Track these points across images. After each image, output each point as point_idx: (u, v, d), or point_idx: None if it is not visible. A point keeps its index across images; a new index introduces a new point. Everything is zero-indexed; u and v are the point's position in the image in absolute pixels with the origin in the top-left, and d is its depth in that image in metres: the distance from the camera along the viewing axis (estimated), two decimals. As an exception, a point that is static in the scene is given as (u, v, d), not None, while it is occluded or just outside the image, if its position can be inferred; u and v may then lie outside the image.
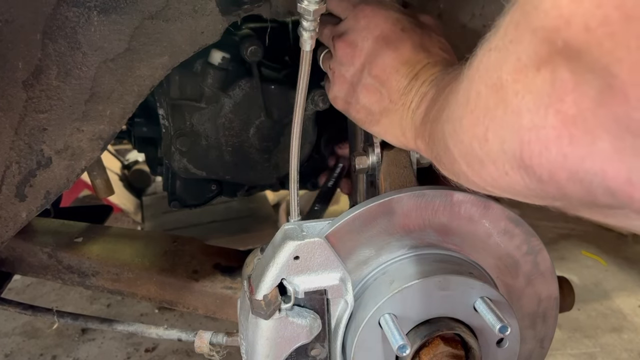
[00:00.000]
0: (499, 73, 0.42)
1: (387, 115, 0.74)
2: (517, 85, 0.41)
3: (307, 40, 0.71)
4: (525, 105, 0.40)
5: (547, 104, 0.38)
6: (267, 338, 0.76)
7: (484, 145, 0.47)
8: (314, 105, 1.06)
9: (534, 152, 0.41)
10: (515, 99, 0.41)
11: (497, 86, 0.43)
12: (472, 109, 0.48)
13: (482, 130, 0.47)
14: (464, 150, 0.52)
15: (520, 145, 0.42)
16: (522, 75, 0.40)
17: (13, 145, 0.81)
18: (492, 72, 0.44)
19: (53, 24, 0.76)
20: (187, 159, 1.11)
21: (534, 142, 0.40)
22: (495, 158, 0.46)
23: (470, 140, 0.50)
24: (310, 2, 0.68)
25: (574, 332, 1.92)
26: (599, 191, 0.38)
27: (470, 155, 0.51)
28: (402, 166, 0.88)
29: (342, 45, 0.76)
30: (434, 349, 0.76)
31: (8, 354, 1.92)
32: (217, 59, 1.02)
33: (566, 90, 0.36)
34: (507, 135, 0.43)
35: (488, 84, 0.45)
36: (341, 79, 0.79)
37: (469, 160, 0.52)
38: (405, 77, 0.71)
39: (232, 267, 1.19)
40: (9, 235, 0.87)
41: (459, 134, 0.52)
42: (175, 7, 0.79)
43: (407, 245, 0.80)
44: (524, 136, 0.41)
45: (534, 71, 0.39)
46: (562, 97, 0.37)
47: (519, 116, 0.41)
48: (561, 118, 0.37)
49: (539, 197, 0.46)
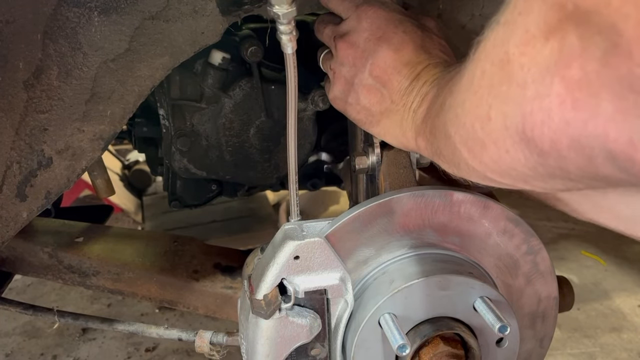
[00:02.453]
0: (506, 47, 0.42)
1: (387, 116, 0.74)
2: (523, 58, 0.40)
3: (287, 44, 0.72)
4: (530, 76, 0.40)
5: (553, 72, 0.38)
6: (267, 338, 0.76)
7: (487, 125, 0.47)
8: (314, 105, 1.06)
9: (536, 122, 0.40)
10: (521, 71, 0.41)
11: (503, 62, 0.43)
12: (475, 90, 0.48)
13: (485, 109, 0.46)
14: (465, 135, 0.52)
15: (523, 118, 0.41)
16: (530, 46, 0.40)
17: (14, 145, 0.82)
18: (499, 48, 0.43)
19: (54, 25, 0.76)
20: (187, 159, 1.12)
21: (537, 112, 0.40)
22: (497, 137, 0.46)
23: (472, 122, 0.49)
24: (281, 6, 0.68)
25: (573, 332, 1.92)
26: (600, 157, 0.38)
27: (472, 139, 0.51)
28: (402, 166, 0.88)
29: (343, 45, 0.77)
30: (433, 348, 0.76)
31: (9, 353, 1.92)
32: (218, 59, 1.02)
33: (573, 56, 0.36)
34: (510, 110, 0.43)
35: (494, 61, 0.44)
36: (342, 80, 0.79)
37: (470, 144, 0.52)
38: (406, 78, 0.71)
39: (233, 267, 1.19)
40: (10, 235, 0.87)
41: (461, 117, 0.52)
42: (176, 7, 0.79)
43: (406, 245, 0.80)
44: (527, 107, 0.41)
45: (543, 41, 0.38)
46: (569, 63, 0.36)
47: (523, 88, 0.41)
48: (566, 84, 0.37)
49: (538, 175, 0.46)
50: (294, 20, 0.71)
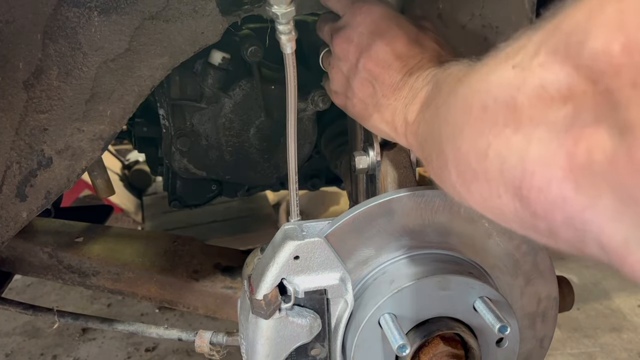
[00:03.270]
0: (515, 93, 0.41)
1: (379, 110, 0.74)
2: (533, 110, 0.39)
3: (286, 44, 0.72)
4: (537, 134, 0.39)
5: (562, 140, 0.36)
6: (267, 338, 0.76)
7: (482, 161, 0.45)
8: (314, 106, 1.06)
9: (534, 186, 0.39)
10: (529, 124, 0.39)
11: (509, 105, 0.41)
12: (474, 121, 0.47)
13: (484, 146, 0.45)
14: (459, 158, 0.50)
15: (522, 174, 0.40)
16: (544, 104, 0.38)
17: (14, 145, 0.82)
18: (507, 90, 0.42)
19: (53, 25, 0.76)
20: (187, 159, 1.12)
21: (538, 176, 0.39)
22: (491, 177, 0.45)
23: (467, 152, 0.48)
24: (279, 6, 0.68)
25: (573, 332, 1.92)
26: (592, 243, 0.37)
27: (464, 166, 0.49)
28: (402, 166, 0.88)
29: (339, 40, 0.77)
30: (433, 348, 0.76)
31: (9, 353, 1.92)
32: (218, 59, 1.02)
33: (584, 135, 0.35)
34: (511, 159, 0.42)
35: (498, 100, 0.43)
36: (339, 74, 0.79)
37: (461, 169, 0.50)
38: (398, 72, 0.71)
39: (232, 267, 1.19)
40: (10, 235, 0.87)
41: (457, 140, 0.50)
42: (176, 7, 0.79)
43: (406, 245, 0.80)
44: (529, 166, 0.40)
45: (560, 104, 0.37)
46: (578, 140, 0.35)
47: (528, 143, 0.39)
48: (571, 163, 0.36)
49: (524, 227, 0.45)
50: (293, 20, 0.71)
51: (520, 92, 0.40)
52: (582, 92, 0.35)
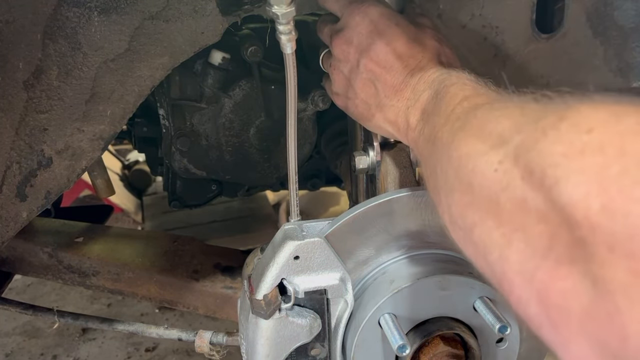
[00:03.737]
0: (499, 192, 0.42)
1: (381, 110, 0.74)
2: (514, 215, 0.40)
3: (286, 44, 0.72)
4: (517, 241, 0.40)
5: (538, 264, 0.38)
6: (267, 338, 0.76)
7: (470, 234, 0.47)
8: (314, 106, 1.06)
9: (514, 294, 0.41)
10: (509, 226, 0.41)
11: (492, 200, 0.43)
12: (464, 192, 0.48)
13: (470, 222, 0.47)
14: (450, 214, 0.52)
15: (503, 276, 0.42)
16: (522, 213, 0.39)
17: (14, 145, 0.82)
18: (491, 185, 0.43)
19: (53, 25, 0.76)
20: (187, 159, 1.12)
21: (517, 289, 0.40)
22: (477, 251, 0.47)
23: (457, 216, 0.50)
24: (279, 6, 0.68)
25: (573, 332, 1.92)
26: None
27: (455, 225, 0.51)
28: (402, 166, 0.88)
29: (338, 42, 0.77)
30: (433, 348, 0.76)
31: (9, 353, 1.92)
32: (218, 59, 1.02)
33: (559, 274, 0.36)
34: (493, 253, 0.43)
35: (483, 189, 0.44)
36: (340, 75, 0.79)
37: (452, 225, 0.52)
38: (400, 73, 0.71)
39: (232, 267, 1.19)
40: (10, 235, 0.87)
41: (449, 197, 0.52)
42: (176, 7, 0.79)
43: (406, 245, 0.80)
44: (509, 273, 0.41)
45: (535, 220, 0.38)
46: (553, 276, 0.36)
47: (508, 244, 0.41)
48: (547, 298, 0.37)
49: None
50: (293, 20, 0.71)
51: (503, 194, 0.42)
52: (557, 225, 0.36)
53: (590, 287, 0.33)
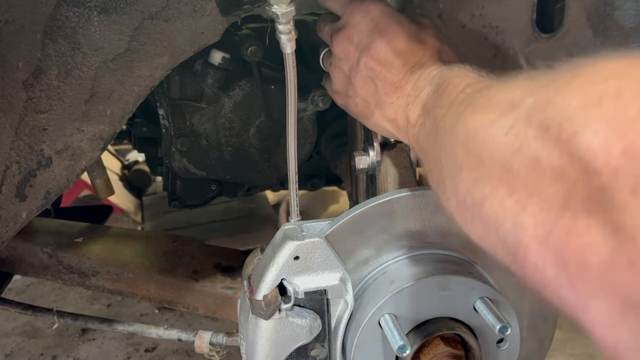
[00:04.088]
0: (511, 157, 0.41)
1: (381, 107, 0.74)
2: (527, 178, 0.39)
3: (286, 43, 0.72)
4: (531, 206, 0.39)
5: (553, 224, 0.37)
6: (267, 338, 0.76)
7: (480, 209, 0.46)
8: (314, 105, 1.06)
9: (529, 261, 0.40)
10: (523, 191, 0.40)
11: (504, 166, 0.42)
12: (472, 166, 0.47)
13: (480, 196, 0.45)
14: (457, 196, 0.51)
15: (518, 244, 0.41)
16: (537, 176, 0.39)
17: (13, 145, 0.81)
18: (502, 151, 0.42)
19: (53, 24, 0.76)
20: (187, 159, 1.11)
21: (533, 255, 0.39)
22: (488, 227, 0.45)
23: (465, 194, 0.49)
24: (279, 6, 0.68)
25: (574, 332, 1.92)
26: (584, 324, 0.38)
27: (463, 205, 0.50)
28: (402, 166, 0.88)
29: (339, 40, 0.77)
30: (434, 349, 0.76)
31: (8, 353, 1.92)
32: (217, 59, 1.02)
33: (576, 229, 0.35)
34: (506, 223, 0.42)
35: (494, 157, 0.43)
36: (340, 74, 0.79)
37: (459, 207, 0.51)
38: (400, 70, 0.71)
39: (232, 267, 1.19)
40: (9, 236, 0.87)
41: (456, 177, 0.50)
42: (175, 7, 0.79)
43: (406, 245, 0.80)
44: (524, 239, 0.40)
45: (550, 180, 0.37)
46: (570, 233, 0.35)
47: (521, 210, 0.40)
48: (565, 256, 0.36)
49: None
50: (292, 20, 0.71)
51: (516, 158, 0.41)
52: (574, 179, 0.35)
53: (611, 236, 0.32)
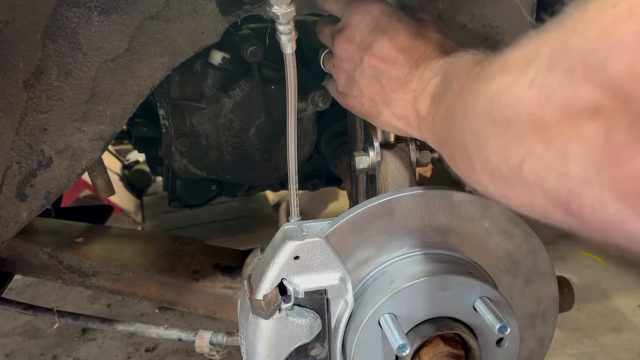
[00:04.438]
0: (538, 111, 0.40)
1: (388, 106, 0.74)
2: (562, 126, 0.39)
3: (286, 44, 0.72)
4: (573, 151, 0.38)
5: (601, 161, 0.36)
6: (267, 338, 0.76)
7: (518, 173, 0.45)
8: (314, 106, 1.06)
9: (585, 204, 0.39)
10: (560, 139, 0.39)
11: (534, 122, 0.41)
12: (501, 133, 0.46)
13: (516, 159, 0.44)
14: (490, 167, 0.50)
15: (568, 194, 0.40)
16: (571, 120, 0.38)
17: (14, 145, 0.82)
18: (529, 107, 0.41)
19: (53, 25, 0.76)
20: (187, 159, 1.12)
21: (587, 196, 0.38)
22: (532, 189, 0.44)
23: (498, 162, 0.47)
24: (279, 6, 0.68)
25: (573, 332, 1.92)
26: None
27: (497, 175, 0.48)
28: (402, 166, 0.88)
29: (340, 41, 0.77)
30: (433, 348, 0.76)
31: (9, 353, 1.92)
32: (218, 59, 1.02)
33: (624, 157, 0.34)
34: (550, 178, 0.41)
35: (522, 117, 0.42)
36: (344, 75, 0.79)
37: (494, 177, 0.50)
38: (404, 65, 0.71)
39: (232, 267, 1.19)
40: (10, 235, 0.87)
41: (485, 149, 0.49)
42: (176, 7, 0.79)
43: (406, 245, 0.80)
44: (574, 187, 0.39)
45: (587, 120, 0.37)
46: (619, 161, 0.35)
47: (565, 160, 0.39)
48: (618, 187, 0.35)
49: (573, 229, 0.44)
50: (293, 20, 0.71)
51: (545, 110, 0.40)
52: (612, 110, 0.35)
53: None
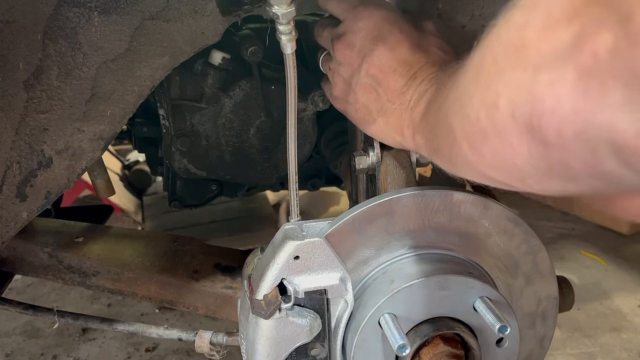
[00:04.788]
0: (523, 32, 0.40)
1: (383, 114, 0.74)
2: (542, 42, 0.39)
3: (286, 44, 0.72)
4: (546, 62, 0.38)
5: (569, 56, 0.36)
6: (267, 338, 0.76)
7: (493, 113, 0.45)
8: (314, 106, 1.07)
9: (545, 110, 0.39)
10: (537, 57, 0.39)
11: (518, 47, 0.41)
12: (485, 77, 0.46)
13: (493, 97, 0.44)
14: (467, 126, 0.50)
15: (533, 105, 0.40)
16: (551, 31, 0.38)
17: (14, 145, 0.82)
18: (515, 33, 0.42)
19: (54, 25, 0.76)
20: (187, 159, 1.12)
21: (548, 99, 0.38)
22: (503, 127, 0.44)
23: (477, 112, 0.48)
24: (280, 6, 0.68)
25: (573, 332, 1.92)
26: (605, 150, 0.36)
27: (474, 131, 0.49)
28: (402, 166, 0.88)
29: (340, 46, 0.77)
30: (433, 348, 0.76)
31: (9, 353, 1.92)
32: (218, 59, 1.02)
33: (588, 42, 0.35)
34: (521, 98, 0.41)
35: (508, 47, 0.43)
36: (340, 79, 0.79)
37: (471, 136, 0.50)
38: (402, 76, 0.71)
39: (233, 267, 1.19)
40: (10, 235, 0.87)
41: (466, 108, 0.50)
42: (176, 7, 0.79)
43: (406, 245, 0.80)
44: (539, 94, 0.39)
45: (565, 25, 0.37)
46: (582, 47, 0.35)
47: (537, 75, 0.39)
48: (578, 70, 0.36)
49: (539, 172, 0.44)
50: (293, 20, 0.71)
51: (529, 29, 0.40)
52: (585, 5, 0.35)
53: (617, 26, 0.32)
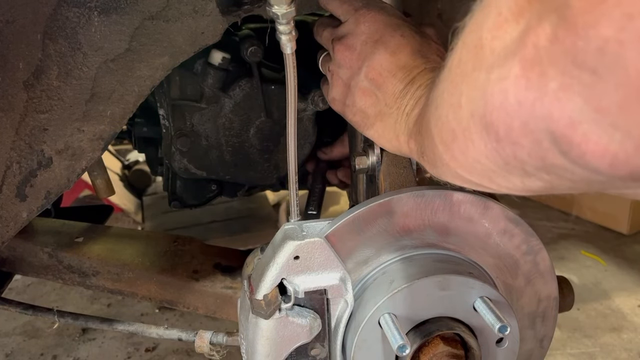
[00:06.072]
0: (480, 32, 0.41)
1: (381, 119, 0.74)
2: (495, 42, 0.39)
3: (286, 44, 0.73)
4: (497, 61, 0.39)
5: (515, 52, 0.37)
6: (267, 338, 0.76)
7: (458, 113, 0.46)
8: (314, 106, 1.07)
9: (495, 105, 0.39)
10: (491, 56, 0.40)
11: (477, 47, 0.42)
12: (452, 78, 0.47)
13: (457, 97, 0.45)
14: (440, 126, 0.51)
15: (485, 101, 0.40)
16: (502, 30, 0.39)
17: (14, 145, 0.82)
18: (474, 33, 0.42)
19: (54, 25, 0.76)
20: (187, 159, 1.12)
21: (497, 94, 0.39)
22: (465, 125, 0.45)
23: (447, 112, 0.48)
24: (280, 6, 0.68)
25: (573, 332, 1.92)
26: (546, 141, 0.36)
27: (445, 130, 0.49)
28: (402, 166, 0.88)
29: (341, 48, 0.77)
30: (433, 348, 0.76)
31: (9, 353, 1.92)
32: (218, 59, 1.02)
33: (530, 34, 0.35)
34: (477, 96, 0.42)
35: (469, 47, 0.43)
36: (339, 81, 0.79)
37: (443, 136, 0.50)
38: (401, 81, 0.71)
39: (232, 267, 1.19)
40: (10, 235, 0.87)
41: (439, 109, 0.50)
42: (176, 7, 0.79)
43: (406, 245, 0.80)
44: (490, 91, 0.40)
45: (514, 24, 0.37)
46: (526, 41, 0.35)
47: (490, 72, 0.40)
48: (522, 64, 0.36)
49: (498, 168, 0.44)
50: (293, 20, 0.71)
51: (484, 30, 0.40)
52: (528, 2, 0.36)
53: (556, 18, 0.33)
